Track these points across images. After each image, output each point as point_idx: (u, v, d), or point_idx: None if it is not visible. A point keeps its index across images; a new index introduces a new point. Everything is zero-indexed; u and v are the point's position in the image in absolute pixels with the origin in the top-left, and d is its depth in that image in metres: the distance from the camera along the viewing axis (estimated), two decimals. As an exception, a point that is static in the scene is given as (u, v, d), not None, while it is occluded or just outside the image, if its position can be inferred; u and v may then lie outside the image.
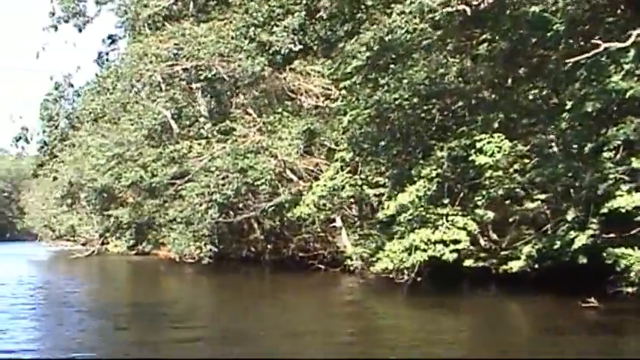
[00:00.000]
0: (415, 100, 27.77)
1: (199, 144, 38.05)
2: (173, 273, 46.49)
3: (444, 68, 27.83)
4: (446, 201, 26.67)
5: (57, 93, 52.71)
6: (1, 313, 23.02)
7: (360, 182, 32.92)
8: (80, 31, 50.04)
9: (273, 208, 37.28)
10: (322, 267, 39.72)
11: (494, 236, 28.57)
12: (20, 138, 53.09)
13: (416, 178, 26.75)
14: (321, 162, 36.73)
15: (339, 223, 37.01)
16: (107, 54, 56.02)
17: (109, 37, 55.27)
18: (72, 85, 52.67)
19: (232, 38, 33.76)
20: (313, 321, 21.75)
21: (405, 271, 27.73)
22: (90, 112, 48.08)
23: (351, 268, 36.52)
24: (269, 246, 47.80)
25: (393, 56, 28.63)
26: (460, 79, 28.06)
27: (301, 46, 26.83)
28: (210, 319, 22.49)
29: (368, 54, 28.45)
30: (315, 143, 37.11)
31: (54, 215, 79.60)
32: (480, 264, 26.79)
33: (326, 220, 37.80)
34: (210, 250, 42.52)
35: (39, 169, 60.53)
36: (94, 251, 69.17)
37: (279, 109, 37.23)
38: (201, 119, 43.79)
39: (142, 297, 29.86)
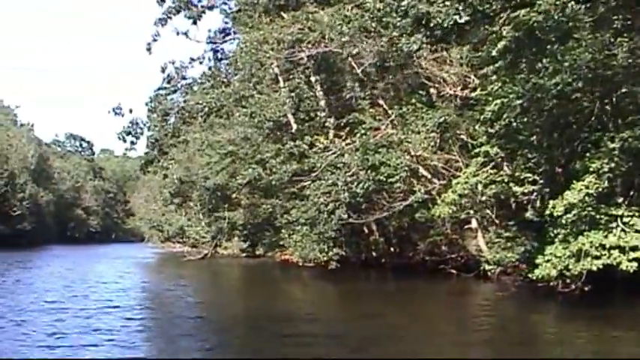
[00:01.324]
0: (579, 84, 24.72)
1: (326, 138, 35.86)
2: (295, 279, 44.07)
3: (610, 49, 24.79)
4: (619, 200, 23.66)
5: (169, 86, 50.93)
6: (131, 331, 20.83)
7: (506, 179, 30.07)
8: (195, 22, 48.75)
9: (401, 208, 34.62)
10: (454, 272, 37.40)
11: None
12: (130, 132, 51.20)
13: (581, 174, 23.88)
14: (452, 158, 34.12)
15: (474, 224, 34.39)
16: (221, 46, 54.35)
17: (222, 30, 53.58)
18: (185, 78, 50.94)
19: (378, 11, 30.88)
20: (481, 347, 18.86)
21: (568, 280, 24.81)
22: (205, 106, 46.25)
23: (489, 274, 33.88)
24: (392, 249, 45.48)
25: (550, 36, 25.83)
26: (629, 61, 24.93)
27: (467, 18, 23.94)
28: (356, 342, 19.14)
29: (515, 34, 25.73)
30: (450, 137, 34.39)
31: (163, 214, 78.87)
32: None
33: (455, 222, 35.56)
34: (337, 253, 40.08)
35: (148, 166, 59.16)
36: (207, 254, 67.44)
37: (412, 100, 34.65)
38: (321, 113, 41.62)
39: (274, 309, 26.46)
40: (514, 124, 27.66)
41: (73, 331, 20.30)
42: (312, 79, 41.01)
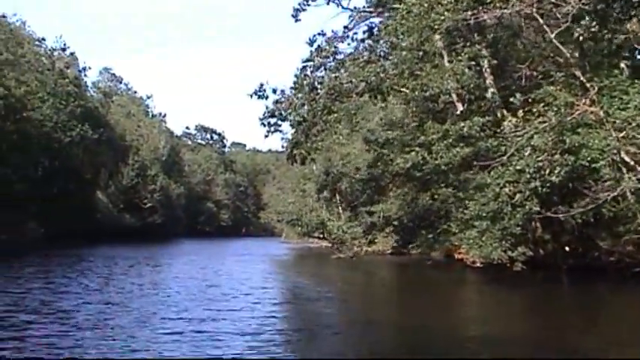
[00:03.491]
0: None
1: (515, 116, 31.56)
2: (479, 284, 38.81)
3: None
4: None
5: (319, 59, 46.82)
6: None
7: None
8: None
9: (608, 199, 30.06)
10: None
11: None
12: (274, 114, 47.29)
13: None
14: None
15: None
16: (374, 19, 50.19)
17: (377, 3, 49.27)
18: (336, 53, 46.91)
19: None
20: None
21: None
22: (361, 81, 42.09)
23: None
24: (565, 247, 40.79)
25: None
26: None
27: None
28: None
29: None
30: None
31: (307, 205, 75.88)
32: None
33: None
34: (524, 253, 35.43)
35: (294, 150, 55.37)
36: (358, 251, 62.28)
37: (615, 72, 30.11)
38: (490, 89, 37.56)
39: (484, 335, 20.15)
40: None
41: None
42: (484, 52, 36.95)
